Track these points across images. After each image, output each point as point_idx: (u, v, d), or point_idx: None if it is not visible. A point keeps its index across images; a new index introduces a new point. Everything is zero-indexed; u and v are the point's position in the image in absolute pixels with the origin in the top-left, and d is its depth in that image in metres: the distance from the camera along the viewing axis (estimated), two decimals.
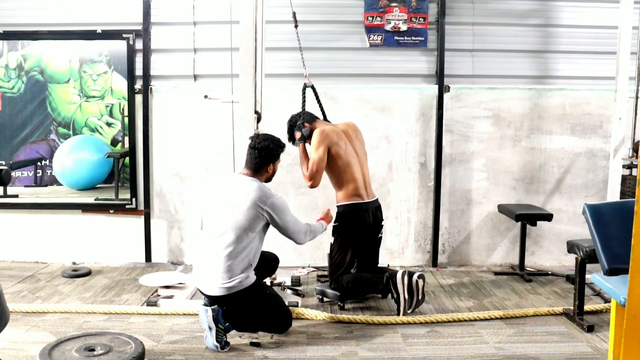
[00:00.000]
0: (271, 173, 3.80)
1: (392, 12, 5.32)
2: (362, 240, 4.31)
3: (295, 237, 3.78)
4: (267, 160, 3.73)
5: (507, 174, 5.50)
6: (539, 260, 5.56)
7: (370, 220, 4.30)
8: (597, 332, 3.79)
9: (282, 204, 3.67)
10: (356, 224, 4.26)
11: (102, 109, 7.36)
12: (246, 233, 3.55)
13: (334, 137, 4.23)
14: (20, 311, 4.04)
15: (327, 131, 4.23)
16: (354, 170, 4.27)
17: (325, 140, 4.19)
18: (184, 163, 5.41)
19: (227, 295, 3.54)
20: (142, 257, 5.47)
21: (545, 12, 5.42)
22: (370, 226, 4.31)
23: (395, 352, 3.51)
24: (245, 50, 4.14)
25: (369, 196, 4.33)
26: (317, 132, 4.23)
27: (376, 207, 4.37)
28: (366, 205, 4.28)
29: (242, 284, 3.54)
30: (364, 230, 4.29)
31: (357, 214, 4.25)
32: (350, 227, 4.26)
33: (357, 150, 4.37)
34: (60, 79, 7.24)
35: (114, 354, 3.17)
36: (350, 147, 4.31)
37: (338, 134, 4.28)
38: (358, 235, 4.28)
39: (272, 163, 3.77)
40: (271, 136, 3.82)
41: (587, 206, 3.01)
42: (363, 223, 4.27)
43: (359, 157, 4.35)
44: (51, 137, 7.35)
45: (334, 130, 4.29)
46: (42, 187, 7.21)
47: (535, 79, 5.49)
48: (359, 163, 4.32)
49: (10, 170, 2.57)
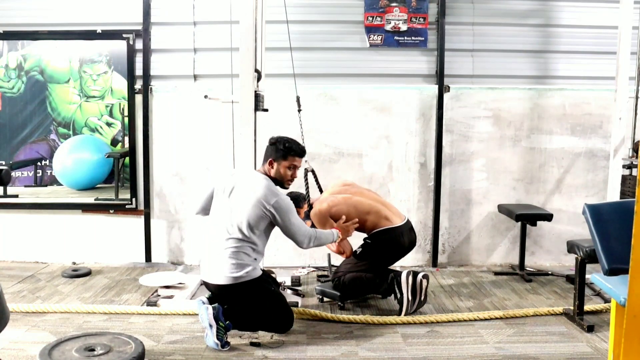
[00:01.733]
0: (274, 172, 3.72)
1: (392, 12, 5.32)
2: (392, 260, 4.29)
3: (298, 240, 3.71)
4: (268, 154, 3.73)
5: (507, 174, 5.50)
6: (539, 260, 5.56)
7: (406, 242, 4.24)
8: (597, 332, 3.79)
9: (287, 205, 3.63)
10: (391, 248, 4.20)
11: (102, 109, 7.36)
12: (251, 229, 3.57)
13: (324, 206, 4.13)
14: (20, 311, 4.03)
15: (318, 210, 4.12)
16: (365, 205, 4.18)
17: (325, 216, 4.09)
18: (184, 163, 5.41)
19: (233, 285, 3.55)
20: (142, 257, 5.47)
21: (546, 12, 5.42)
22: (405, 249, 4.26)
23: (395, 352, 3.51)
24: (245, 50, 4.13)
25: (399, 218, 4.25)
26: (314, 215, 4.14)
27: (409, 228, 4.29)
28: (400, 228, 4.20)
29: (249, 275, 3.56)
30: (398, 253, 4.25)
31: (392, 239, 4.16)
32: (384, 251, 4.19)
33: (359, 191, 4.34)
34: (60, 79, 7.24)
35: (114, 354, 3.17)
36: (347, 195, 4.24)
37: (328, 200, 4.18)
38: (390, 258, 4.26)
39: (274, 159, 3.71)
40: (288, 138, 3.79)
41: (587, 206, 3.01)
42: (399, 247, 4.21)
43: (364, 194, 4.31)
44: (51, 137, 7.35)
45: (324, 200, 4.20)
46: (42, 187, 7.21)
47: (535, 79, 5.49)
48: (370, 197, 4.29)
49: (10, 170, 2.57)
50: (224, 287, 3.58)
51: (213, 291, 3.68)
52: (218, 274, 3.58)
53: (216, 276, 3.60)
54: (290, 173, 3.75)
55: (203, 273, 3.74)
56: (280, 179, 3.75)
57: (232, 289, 3.57)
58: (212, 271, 3.62)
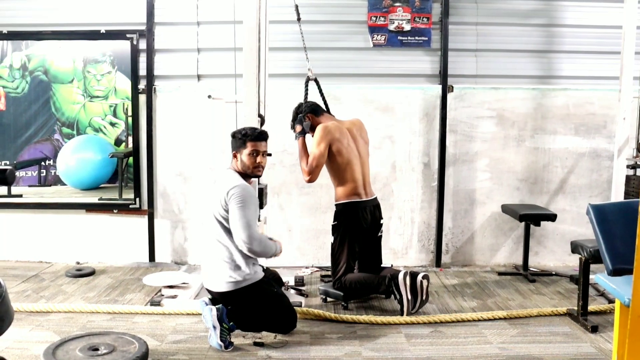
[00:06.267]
0: (240, 163, 3.65)
1: (396, 12, 5.31)
2: (361, 238, 4.31)
3: (244, 237, 3.45)
4: (232, 147, 3.71)
5: (510, 174, 5.49)
6: (543, 260, 5.55)
7: (368, 218, 4.30)
8: (601, 332, 3.78)
9: (243, 196, 3.48)
10: (354, 222, 4.26)
11: (106, 109, 7.38)
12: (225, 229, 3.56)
13: (336, 133, 4.22)
14: (24, 311, 4.05)
15: (330, 127, 4.23)
16: (354, 169, 4.27)
17: (327, 136, 4.19)
18: (187, 163, 5.41)
19: (234, 291, 3.54)
20: (146, 257, 5.48)
21: (549, 11, 5.41)
22: (368, 224, 4.31)
23: (398, 352, 3.51)
24: (249, 50, 4.13)
25: (367, 195, 4.33)
26: (320, 128, 4.23)
27: (374, 205, 4.38)
28: (364, 203, 4.29)
29: (250, 279, 3.55)
30: (361, 228, 4.29)
31: (355, 212, 4.25)
32: (348, 225, 4.26)
33: (360, 148, 4.36)
34: (64, 79, 7.27)
35: (117, 353, 3.18)
36: (352, 145, 4.31)
37: (341, 131, 4.28)
38: (356, 233, 4.28)
39: (236, 151, 3.66)
40: (245, 127, 3.78)
41: (591, 206, 3.00)
42: (361, 221, 4.27)
43: (360, 156, 4.35)
44: (55, 137, 7.37)
45: (337, 127, 4.28)
46: (46, 187, 7.24)
47: (538, 79, 5.47)
48: (360, 162, 4.32)
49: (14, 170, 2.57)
50: (226, 294, 3.57)
51: (216, 298, 3.65)
52: (218, 280, 3.57)
53: (217, 283, 3.58)
54: (253, 159, 3.64)
55: (204, 280, 3.74)
56: (247, 169, 3.65)
57: (234, 294, 3.56)
58: (212, 278, 3.61)
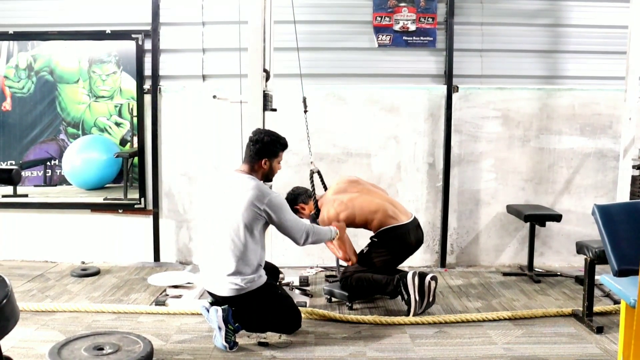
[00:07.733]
0: (267, 170, 3.69)
1: (401, 12, 5.31)
2: (400, 259, 4.30)
3: (296, 237, 3.69)
4: (262, 154, 3.66)
5: (516, 174, 5.48)
6: (548, 261, 5.53)
7: (412, 241, 4.25)
8: (606, 333, 3.77)
9: (280, 201, 3.62)
10: (398, 246, 4.21)
11: (111, 109, 7.39)
12: (248, 234, 3.52)
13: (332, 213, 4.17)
14: (29, 310, 4.06)
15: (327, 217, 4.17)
16: (371, 204, 4.21)
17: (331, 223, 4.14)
18: (192, 163, 5.42)
19: (238, 296, 3.53)
20: (151, 257, 5.49)
21: (555, 11, 5.40)
22: (412, 247, 4.28)
23: (403, 352, 3.50)
24: (254, 50, 4.14)
25: (406, 216, 4.27)
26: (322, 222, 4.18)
27: (416, 226, 4.30)
28: (406, 226, 4.21)
29: (254, 284, 3.54)
30: (405, 251, 4.27)
31: (398, 237, 4.19)
32: (390, 249, 4.21)
33: (366, 188, 4.34)
34: (69, 79, 7.28)
35: (122, 353, 3.18)
36: (353, 193, 4.26)
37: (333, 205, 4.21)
38: (397, 257, 4.26)
39: (267, 158, 3.67)
40: (272, 132, 3.78)
41: (597, 207, 3.00)
42: (406, 245, 4.23)
43: (371, 192, 4.32)
44: (60, 137, 7.39)
45: (330, 206, 4.22)
46: (51, 187, 7.26)
47: (544, 79, 5.46)
48: (376, 195, 4.30)
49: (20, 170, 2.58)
50: (230, 297, 3.56)
51: (218, 301, 3.62)
52: (221, 284, 3.55)
53: (220, 287, 3.56)
54: (280, 167, 3.81)
55: (205, 283, 3.71)
56: (271, 175, 3.75)
57: (238, 298, 3.54)
58: (215, 282, 3.59)
